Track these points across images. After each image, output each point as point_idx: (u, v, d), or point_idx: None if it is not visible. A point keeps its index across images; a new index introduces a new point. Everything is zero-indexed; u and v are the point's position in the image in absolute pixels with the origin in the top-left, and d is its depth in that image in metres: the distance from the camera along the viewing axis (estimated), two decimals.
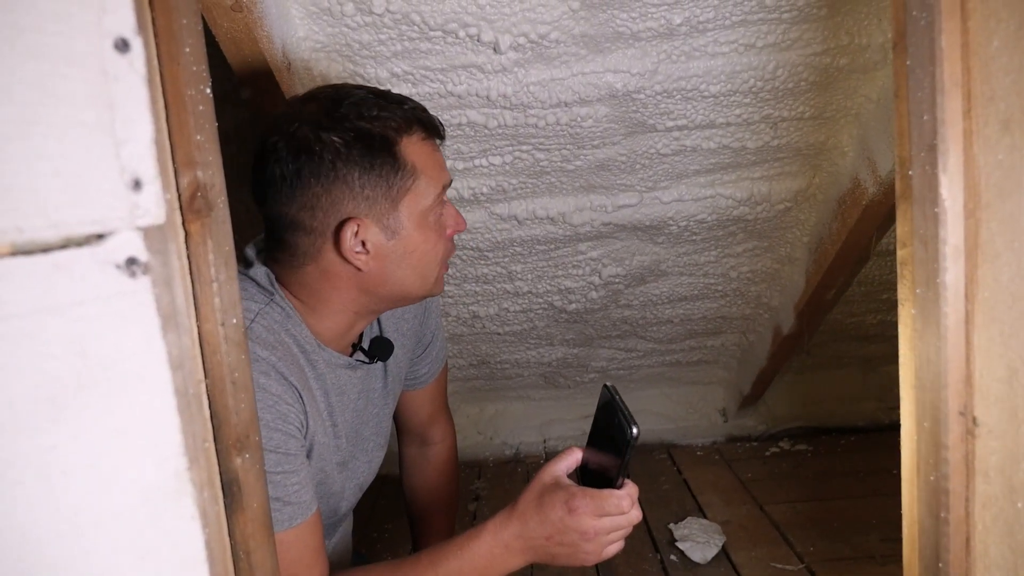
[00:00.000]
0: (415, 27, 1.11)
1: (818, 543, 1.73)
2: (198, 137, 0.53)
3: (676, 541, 1.76)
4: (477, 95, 1.25)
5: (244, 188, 1.43)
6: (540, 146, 1.37)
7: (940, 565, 0.63)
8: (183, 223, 0.49)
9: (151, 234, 0.40)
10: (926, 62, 0.58)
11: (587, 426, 2.46)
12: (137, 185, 0.38)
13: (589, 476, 0.87)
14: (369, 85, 1.21)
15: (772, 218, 1.63)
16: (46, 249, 0.34)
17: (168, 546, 0.41)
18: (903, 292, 0.66)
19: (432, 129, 0.91)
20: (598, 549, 0.81)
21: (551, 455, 2.35)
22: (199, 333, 0.51)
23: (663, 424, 2.47)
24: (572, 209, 1.55)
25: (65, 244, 0.35)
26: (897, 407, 0.68)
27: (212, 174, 0.55)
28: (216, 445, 0.53)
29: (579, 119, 1.31)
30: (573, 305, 1.90)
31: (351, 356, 0.99)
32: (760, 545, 1.75)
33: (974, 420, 0.59)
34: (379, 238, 0.87)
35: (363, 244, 0.86)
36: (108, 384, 0.37)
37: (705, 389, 2.48)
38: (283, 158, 0.83)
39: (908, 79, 0.61)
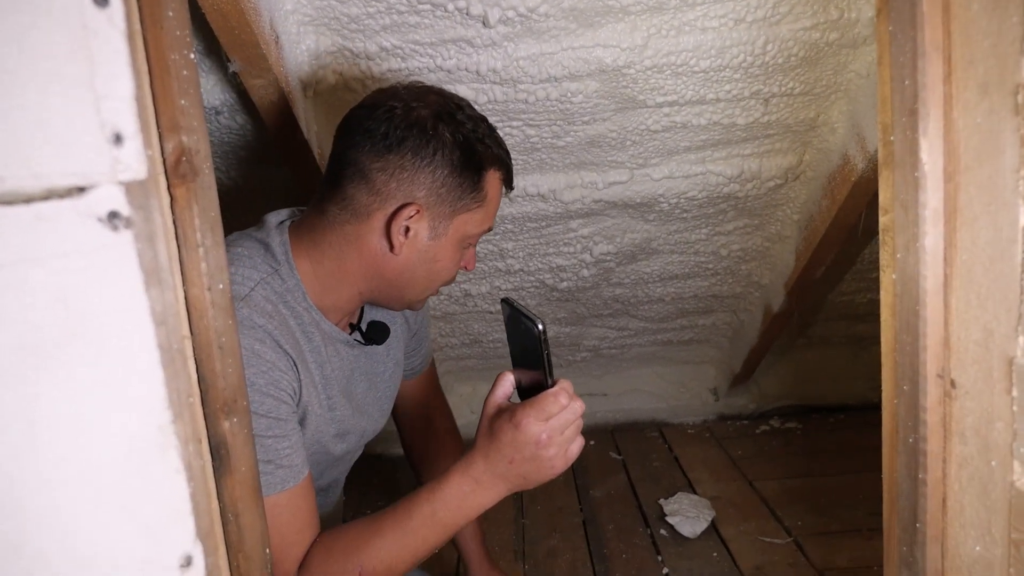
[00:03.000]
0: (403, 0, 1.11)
1: (806, 517, 1.75)
2: (182, 102, 0.53)
3: (666, 516, 1.78)
4: (467, 70, 1.25)
5: (232, 163, 1.43)
6: (530, 122, 1.37)
7: (918, 525, 0.64)
8: (168, 187, 0.50)
9: (133, 189, 0.40)
10: (907, 27, 0.58)
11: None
12: (118, 139, 0.39)
13: (526, 394, 0.86)
14: (362, 60, 1.22)
15: (762, 195, 1.64)
16: (28, 200, 0.35)
17: (153, 499, 0.41)
18: (884, 258, 0.67)
19: (509, 178, 0.98)
20: (560, 452, 0.81)
21: None
22: (186, 297, 0.51)
23: (655, 403, 2.49)
24: (563, 186, 1.55)
25: (47, 195, 0.35)
26: None
27: (197, 139, 0.55)
28: (204, 409, 0.54)
29: (569, 94, 1.31)
30: (564, 283, 1.90)
31: (350, 334, 1.00)
32: (749, 519, 1.77)
33: (952, 383, 0.60)
34: (424, 233, 0.91)
35: (407, 230, 0.90)
36: (91, 336, 0.37)
37: (696, 368, 2.50)
38: (397, 122, 0.87)
39: (891, 44, 0.61)
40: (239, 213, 1.59)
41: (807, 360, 2.46)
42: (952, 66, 0.56)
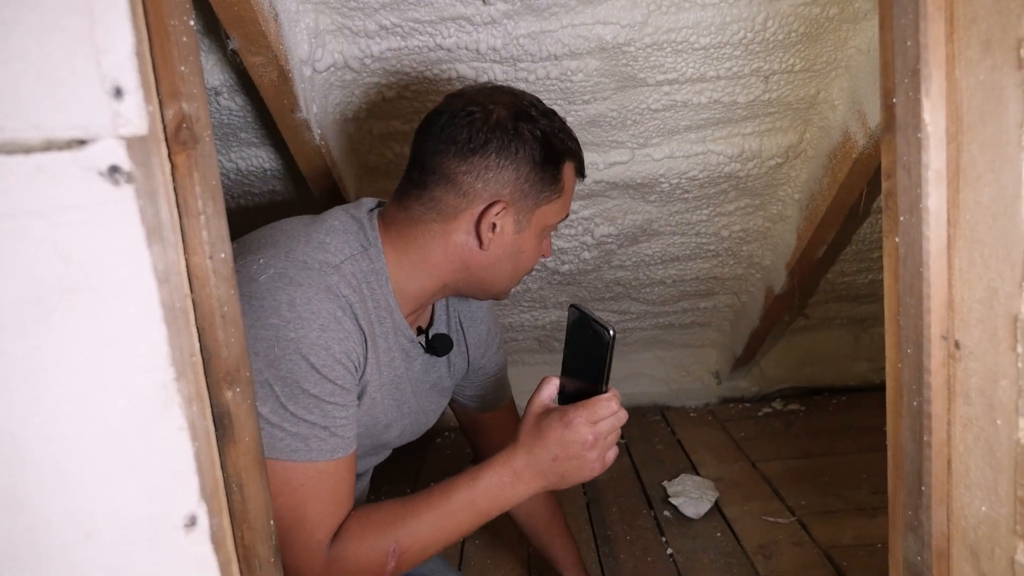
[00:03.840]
0: None
1: (809, 497, 1.76)
2: (182, 68, 0.53)
3: (669, 497, 1.78)
4: (467, 48, 1.25)
5: (231, 144, 1.42)
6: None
7: (923, 488, 0.64)
8: (168, 153, 0.49)
9: (133, 145, 0.40)
10: None
11: None
12: (118, 93, 0.38)
13: (568, 400, 0.89)
14: (362, 39, 1.21)
15: (763, 175, 1.63)
16: (28, 150, 0.35)
17: (156, 457, 0.41)
18: (888, 224, 0.66)
19: (582, 169, 1.03)
20: (600, 455, 0.85)
21: None
22: (187, 265, 0.51)
23: (657, 387, 2.50)
24: None
25: (47, 147, 0.35)
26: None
27: (197, 107, 0.55)
28: (207, 379, 0.54)
29: (569, 73, 1.31)
30: (566, 266, 1.90)
31: (416, 335, 1.02)
32: (752, 500, 1.77)
33: (956, 344, 0.60)
34: (510, 227, 0.94)
35: (494, 226, 0.93)
36: (93, 290, 0.37)
37: (698, 352, 2.50)
38: (478, 126, 0.91)
39: (893, 6, 0.61)
40: (238, 195, 1.59)
41: (809, 343, 2.46)
42: (954, 25, 0.56)
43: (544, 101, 1.36)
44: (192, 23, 0.54)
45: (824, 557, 1.50)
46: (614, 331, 0.83)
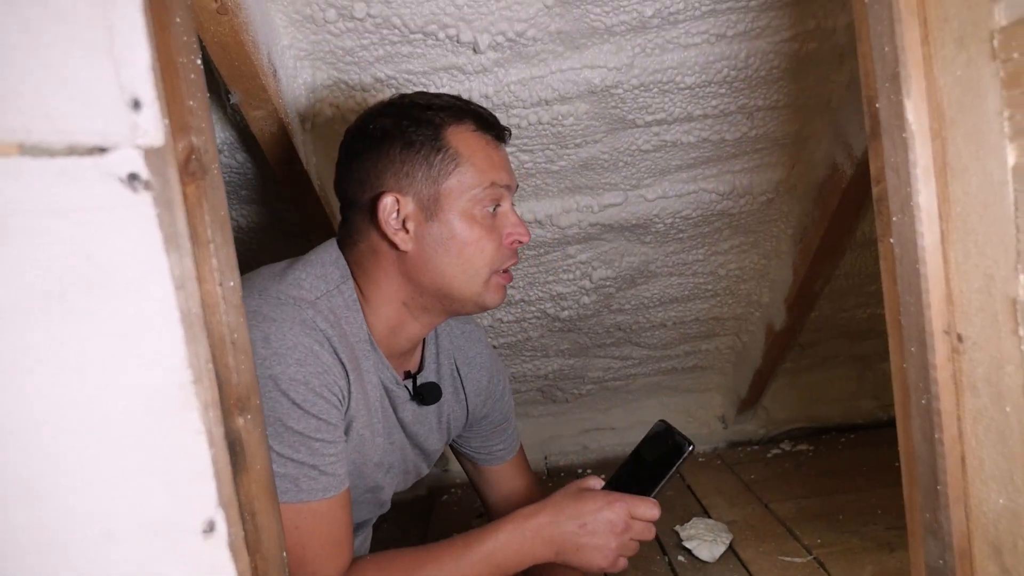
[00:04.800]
0: (396, 30, 1.14)
1: (825, 535, 1.72)
2: (190, 103, 0.55)
3: (683, 541, 1.75)
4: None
5: (232, 202, 1.45)
6: (524, 147, 1.40)
7: (939, 488, 0.64)
8: (180, 184, 0.51)
9: (151, 155, 0.41)
10: None
11: (588, 441, 2.44)
12: (136, 105, 0.40)
13: None
14: (358, 92, 1.25)
15: (756, 211, 1.66)
16: (52, 154, 0.36)
17: (175, 458, 0.41)
18: (881, 228, 0.68)
19: (486, 124, 0.95)
20: (619, 549, 0.86)
21: (552, 471, 2.34)
22: (199, 292, 0.52)
23: None
24: (559, 211, 1.58)
25: (70, 152, 0.37)
26: (893, 405, 0.69)
27: (205, 140, 0.57)
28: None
29: (560, 117, 1.34)
30: (566, 312, 1.91)
31: (403, 379, 1.00)
32: (767, 541, 1.74)
33: (959, 337, 0.61)
34: (419, 217, 0.90)
35: (403, 223, 0.90)
36: (113, 289, 0.38)
37: (702, 396, 2.49)
38: (346, 142, 0.95)
39: (868, 16, 0.64)
40: (242, 251, 1.61)
41: (813, 382, 2.45)
42: (928, 27, 0.59)
43: (537, 146, 1.41)
44: (199, 63, 0.56)
45: None
46: (694, 446, 0.89)
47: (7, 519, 0.38)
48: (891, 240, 0.65)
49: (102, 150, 0.38)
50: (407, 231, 0.90)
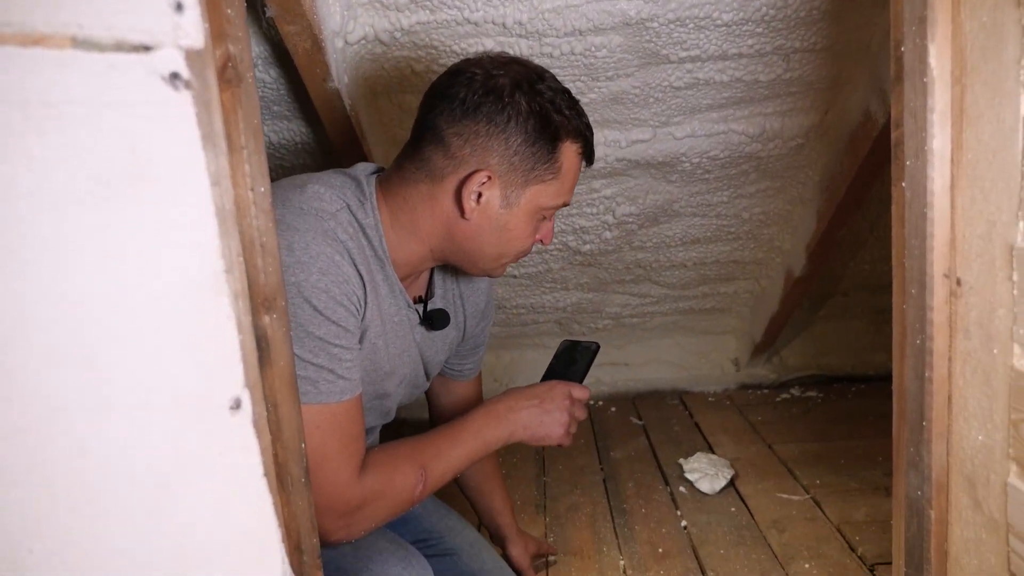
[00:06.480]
0: None
1: (824, 477, 1.77)
2: (228, 11, 0.57)
3: (685, 474, 1.81)
4: (493, 22, 1.28)
5: (264, 117, 1.47)
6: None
7: (924, 424, 0.67)
8: (218, 89, 0.54)
9: (191, 57, 0.44)
10: None
11: (602, 375, 2.54)
12: (179, 7, 0.42)
13: None
14: (392, 12, 1.25)
15: (784, 156, 1.65)
16: (101, 49, 0.39)
17: (207, 339, 0.45)
18: (896, 172, 0.69)
19: (588, 152, 0.99)
20: (569, 422, 1.04)
21: None
22: (233, 194, 0.56)
23: (676, 372, 2.52)
24: None
25: (118, 48, 0.39)
26: None
27: (241, 49, 0.59)
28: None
29: (593, 48, 1.34)
30: (587, 246, 1.93)
31: (414, 302, 1.04)
32: (767, 479, 1.79)
33: (957, 281, 0.63)
34: (496, 201, 0.93)
35: (479, 197, 0.92)
36: (155, 179, 0.41)
37: (718, 339, 2.52)
38: (475, 87, 0.90)
39: None
40: (272, 167, 1.64)
41: (828, 332, 2.47)
42: None
43: (568, 77, 1.41)
44: None
45: (836, 532, 1.51)
46: (599, 344, 1.13)
47: (56, 381, 0.42)
48: (903, 184, 0.67)
49: (147, 48, 0.41)
50: (478, 204, 0.93)
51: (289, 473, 0.65)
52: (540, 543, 1.46)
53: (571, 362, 1.11)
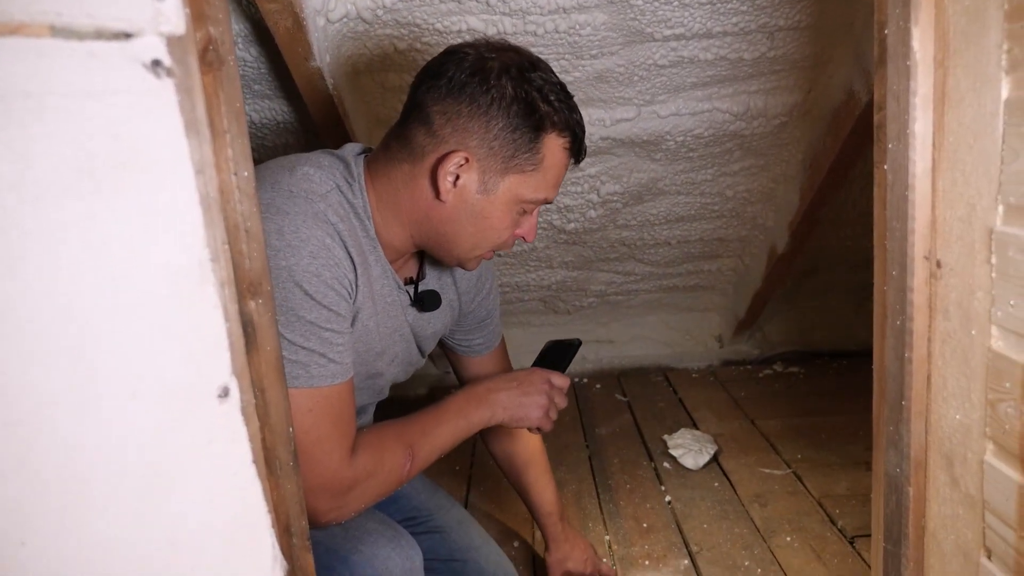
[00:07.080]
0: None
1: (806, 452, 1.80)
2: None
3: (669, 450, 1.83)
4: (476, 0, 1.27)
5: (245, 96, 1.45)
6: (539, 56, 1.39)
7: (903, 403, 0.68)
8: (199, 73, 0.53)
9: (173, 43, 0.43)
10: None
11: (587, 352, 2.56)
12: None
13: None
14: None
15: (768, 134, 1.66)
16: (80, 37, 0.38)
17: (194, 328, 0.45)
18: (878, 155, 0.70)
19: (576, 147, 0.97)
20: (548, 406, 1.07)
21: None
22: (217, 181, 0.55)
23: (660, 349, 2.54)
24: None
25: (97, 36, 0.39)
26: None
27: (222, 31, 0.58)
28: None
29: (577, 26, 1.33)
30: (572, 224, 1.94)
31: (404, 284, 1.04)
32: (750, 454, 1.82)
33: (937, 263, 0.64)
34: (473, 185, 0.91)
35: (456, 179, 0.91)
36: (139, 168, 0.41)
37: (702, 316, 2.54)
38: (464, 67, 0.89)
39: None
40: (255, 146, 1.62)
41: (811, 308, 2.49)
42: None
43: (552, 55, 1.40)
44: None
45: (817, 505, 1.54)
46: (580, 340, 1.17)
47: (44, 375, 0.42)
48: (885, 167, 0.67)
49: (127, 35, 0.40)
50: (454, 187, 0.91)
51: (277, 457, 0.65)
52: (595, 561, 1.36)
53: (554, 358, 1.16)
